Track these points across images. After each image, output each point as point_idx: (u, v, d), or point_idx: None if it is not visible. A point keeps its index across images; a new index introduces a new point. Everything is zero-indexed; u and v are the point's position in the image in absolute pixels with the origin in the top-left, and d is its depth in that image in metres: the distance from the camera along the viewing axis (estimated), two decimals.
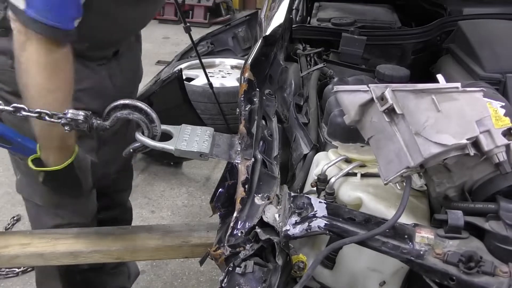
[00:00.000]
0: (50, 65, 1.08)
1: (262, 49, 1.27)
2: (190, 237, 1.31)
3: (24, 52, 1.07)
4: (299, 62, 1.68)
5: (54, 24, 1.05)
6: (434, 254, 0.78)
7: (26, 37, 1.06)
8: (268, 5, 1.92)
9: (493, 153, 0.82)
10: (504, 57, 1.43)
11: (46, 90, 1.09)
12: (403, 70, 1.33)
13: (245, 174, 0.97)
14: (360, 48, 1.66)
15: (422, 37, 1.80)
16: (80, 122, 1.06)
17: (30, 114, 1.08)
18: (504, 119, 0.86)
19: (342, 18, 1.93)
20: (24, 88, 1.10)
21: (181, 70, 2.86)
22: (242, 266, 0.85)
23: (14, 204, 2.82)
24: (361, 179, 1.02)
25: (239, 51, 4.19)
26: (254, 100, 1.15)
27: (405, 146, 0.82)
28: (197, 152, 1.04)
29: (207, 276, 2.38)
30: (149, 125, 1.08)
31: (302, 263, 0.91)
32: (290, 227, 0.85)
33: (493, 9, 1.85)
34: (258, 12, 3.54)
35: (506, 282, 0.73)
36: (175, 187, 3.09)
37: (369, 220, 0.85)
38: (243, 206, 0.92)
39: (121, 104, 1.08)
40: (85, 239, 1.30)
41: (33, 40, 1.06)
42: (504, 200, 0.82)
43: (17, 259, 1.28)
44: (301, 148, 1.20)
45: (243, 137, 1.06)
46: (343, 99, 0.92)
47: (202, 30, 5.33)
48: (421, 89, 0.85)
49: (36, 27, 1.05)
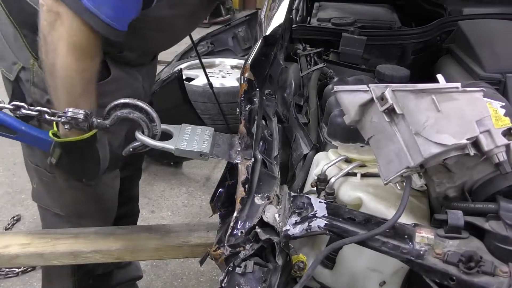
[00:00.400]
0: (80, 47, 1.07)
1: (262, 49, 1.27)
2: (190, 237, 1.31)
3: (54, 32, 1.05)
4: (299, 62, 1.68)
5: (111, 23, 1.04)
6: (434, 254, 0.78)
7: (57, 17, 1.04)
8: (268, 5, 1.92)
9: (493, 153, 0.82)
10: (504, 57, 1.43)
11: (74, 70, 1.08)
12: (403, 70, 1.32)
13: (245, 174, 0.97)
14: (360, 48, 1.66)
15: (422, 37, 1.80)
16: (80, 121, 1.06)
17: (29, 113, 1.08)
18: (504, 119, 0.85)
19: (342, 18, 1.93)
20: (51, 67, 1.09)
21: (181, 70, 2.86)
22: (242, 266, 0.85)
23: (14, 204, 2.82)
24: (361, 179, 1.02)
25: (239, 51, 4.20)
26: (254, 100, 1.15)
27: (405, 146, 0.82)
28: (197, 152, 1.04)
29: (207, 276, 2.38)
30: (149, 125, 1.08)
31: (302, 263, 0.91)
32: (290, 227, 0.85)
33: (493, 9, 1.85)
34: (258, 12, 3.55)
35: (506, 282, 0.73)
36: (175, 187, 3.09)
37: (369, 220, 0.85)
38: (243, 206, 0.92)
39: (121, 103, 1.08)
40: (85, 239, 1.30)
41: (64, 21, 1.03)
42: (504, 200, 0.82)
43: (17, 259, 1.28)
44: (301, 148, 1.20)
45: (243, 137, 1.06)
46: (343, 99, 0.92)
47: (202, 30, 5.32)
48: (421, 89, 0.85)
49: (91, 19, 1.03)
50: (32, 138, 1.19)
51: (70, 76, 1.08)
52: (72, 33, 1.05)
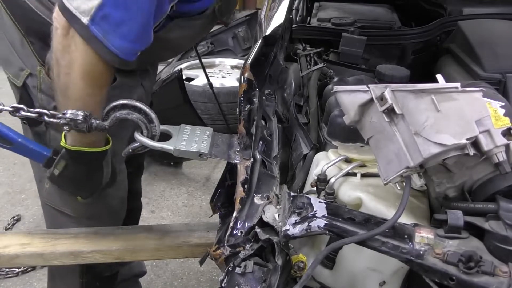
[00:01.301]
0: (93, 74, 1.07)
1: (262, 49, 1.27)
2: (190, 237, 1.31)
3: (67, 55, 1.05)
4: (299, 62, 1.68)
5: (116, 52, 1.04)
6: (434, 254, 0.78)
7: (71, 41, 1.04)
8: (268, 5, 1.92)
9: (493, 153, 0.82)
10: (504, 57, 1.42)
11: (86, 93, 1.09)
12: (403, 70, 1.32)
13: (244, 174, 0.97)
14: (360, 48, 1.66)
15: (422, 37, 1.80)
16: (79, 122, 1.06)
17: (29, 114, 1.08)
18: (504, 119, 0.85)
19: (342, 18, 1.93)
20: (64, 87, 1.09)
21: (181, 70, 2.86)
22: (242, 266, 0.85)
23: (14, 204, 2.82)
24: (361, 179, 1.02)
25: (239, 51, 4.19)
26: (253, 100, 1.15)
27: (405, 146, 0.82)
28: (196, 152, 1.05)
29: (207, 276, 2.38)
30: (148, 125, 1.08)
31: (302, 263, 0.91)
32: (289, 227, 0.85)
33: (493, 9, 1.85)
34: (258, 12, 3.54)
35: (506, 282, 0.73)
36: (175, 187, 3.09)
37: (369, 220, 0.85)
38: (242, 206, 0.92)
39: (120, 104, 1.08)
40: (85, 239, 1.30)
41: (79, 46, 1.03)
42: (504, 200, 0.82)
43: (17, 259, 1.28)
44: (301, 148, 1.20)
45: (242, 137, 1.06)
46: (343, 99, 0.92)
47: None
48: (420, 89, 0.85)
49: (97, 46, 1.02)
50: (27, 150, 1.20)
51: (82, 98, 1.09)
52: (86, 60, 1.05)
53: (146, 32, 1.08)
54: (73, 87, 1.08)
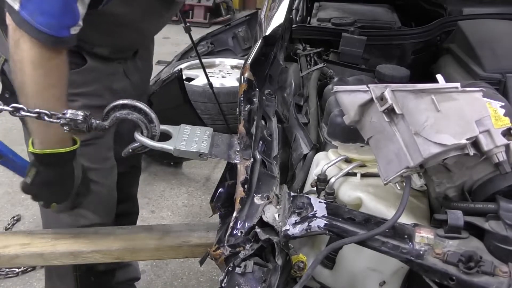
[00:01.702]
0: (44, 64, 1.08)
1: (262, 49, 1.27)
2: (190, 237, 1.31)
3: (18, 50, 1.07)
4: (299, 62, 1.68)
5: (45, 30, 1.05)
6: (434, 254, 0.78)
7: (20, 35, 1.05)
8: (268, 5, 1.92)
9: (493, 153, 0.82)
10: (504, 57, 1.42)
11: (42, 87, 1.09)
12: (403, 70, 1.32)
13: (244, 174, 0.97)
14: (360, 48, 1.66)
15: (422, 37, 1.80)
16: (79, 122, 1.06)
17: (29, 114, 1.08)
18: (504, 119, 0.86)
19: (342, 18, 1.93)
20: (21, 85, 1.10)
21: (181, 70, 2.86)
22: (242, 266, 0.85)
23: (14, 204, 2.82)
24: (361, 179, 1.02)
25: (239, 51, 4.19)
26: (253, 100, 1.15)
27: (405, 146, 0.82)
28: (196, 152, 1.04)
29: (207, 276, 2.38)
30: (148, 125, 1.08)
31: (302, 263, 0.91)
32: (289, 227, 0.85)
33: (493, 9, 1.85)
34: (258, 12, 3.54)
35: (506, 282, 0.73)
36: (175, 187, 3.09)
37: (369, 220, 0.85)
38: (242, 206, 0.92)
39: (120, 104, 1.08)
40: (85, 239, 1.30)
41: (26, 38, 1.05)
42: (504, 200, 0.82)
43: (17, 259, 1.27)
44: (301, 148, 1.20)
45: (242, 137, 1.06)
46: (343, 99, 0.92)
47: (202, 30, 5.33)
48: (420, 89, 0.85)
49: (28, 29, 1.04)
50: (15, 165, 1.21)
51: (40, 93, 1.09)
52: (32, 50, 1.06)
53: (68, 5, 1.08)
54: (29, 83, 1.08)
